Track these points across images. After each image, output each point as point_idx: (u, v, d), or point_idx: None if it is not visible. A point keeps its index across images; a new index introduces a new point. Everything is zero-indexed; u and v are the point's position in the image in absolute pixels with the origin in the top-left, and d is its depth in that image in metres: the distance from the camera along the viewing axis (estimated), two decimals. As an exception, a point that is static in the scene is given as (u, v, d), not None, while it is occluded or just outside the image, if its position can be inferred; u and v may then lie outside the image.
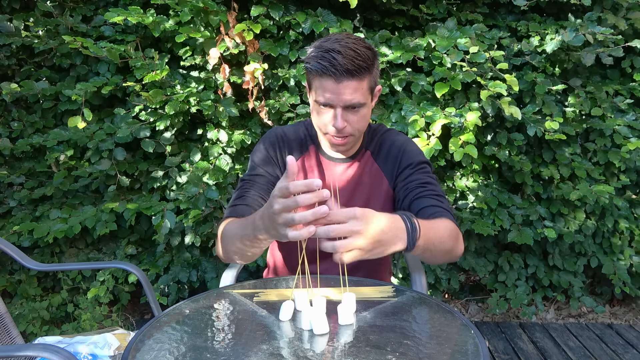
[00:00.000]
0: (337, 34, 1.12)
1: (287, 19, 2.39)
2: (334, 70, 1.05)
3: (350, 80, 1.07)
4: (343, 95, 1.08)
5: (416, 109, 2.35)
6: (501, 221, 2.56)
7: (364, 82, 1.10)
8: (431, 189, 1.16)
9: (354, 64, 1.05)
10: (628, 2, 2.62)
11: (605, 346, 2.49)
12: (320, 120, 1.16)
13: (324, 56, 1.06)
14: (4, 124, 2.51)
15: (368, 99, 1.14)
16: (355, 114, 1.13)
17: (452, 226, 1.05)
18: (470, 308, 2.89)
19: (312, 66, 1.09)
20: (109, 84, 2.32)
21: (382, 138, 1.29)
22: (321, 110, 1.14)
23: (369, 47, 1.10)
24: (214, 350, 0.80)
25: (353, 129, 1.15)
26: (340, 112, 1.11)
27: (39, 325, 2.36)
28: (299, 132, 1.30)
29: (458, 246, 1.06)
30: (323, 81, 1.09)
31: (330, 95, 1.09)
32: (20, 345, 1.45)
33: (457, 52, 2.31)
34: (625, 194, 2.83)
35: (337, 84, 1.07)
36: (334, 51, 1.05)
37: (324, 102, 1.11)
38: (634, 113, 2.63)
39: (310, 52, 1.10)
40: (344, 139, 1.16)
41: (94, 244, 2.59)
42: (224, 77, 2.36)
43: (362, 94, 1.10)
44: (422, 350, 0.78)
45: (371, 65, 1.10)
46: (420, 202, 1.14)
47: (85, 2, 2.53)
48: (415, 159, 1.23)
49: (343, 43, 1.07)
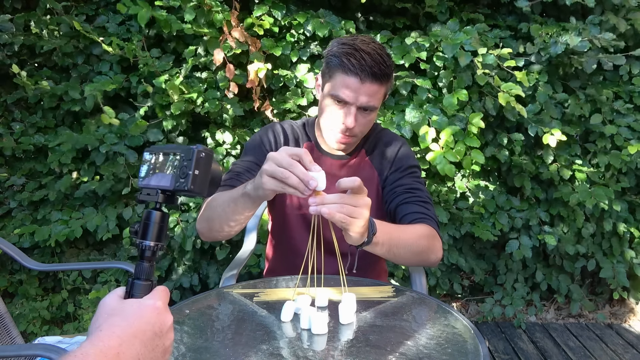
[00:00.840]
0: (363, 35, 1.14)
1: (288, 19, 2.39)
2: (361, 70, 1.07)
3: (373, 83, 1.09)
4: (362, 96, 1.10)
5: (419, 113, 2.33)
6: (501, 225, 2.55)
7: (383, 88, 1.13)
8: (418, 195, 1.19)
9: (381, 69, 1.08)
10: (629, 4, 2.61)
11: (605, 346, 2.49)
12: (331, 115, 1.16)
13: (354, 54, 1.07)
14: (5, 125, 2.51)
15: (379, 105, 1.17)
16: (365, 117, 1.16)
17: (428, 231, 1.09)
18: (470, 308, 2.89)
19: (338, 61, 1.09)
20: (115, 82, 2.31)
21: (378, 137, 1.31)
22: (335, 106, 1.14)
23: (390, 56, 1.13)
24: (214, 350, 0.80)
25: (359, 130, 1.17)
26: (354, 111, 1.12)
27: (40, 325, 2.36)
28: (294, 129, 1.31)
29: (432, 250, 1.08)
30: (346, 78, 1.09)
31: (350, 93, 1.10)
32: (21, 345, 1.45)
33: (466, 54, 2.29)
34: (625, 194, 2.83)
35: (360, 84, 1.09)
36: (364, 52, 1.07)
37: (342, 98, 1.11)
38: (634, 115, 2.62)
39: (336, 46, 1.11)
40: (349, 138, 1.18)
41: (94, 244, 2.59)
42: (230, 77, 2.35)
43: (378, 98, 1.14)
44: (422, 350, 0.78)
45: (392, 73, 1.14)
46: (406, 208, 1.17)
47: (86, 1, 2.53)
48: (407, 162, 1.26)
49: (372, 46, 1.09)
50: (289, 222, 1.29)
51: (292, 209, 1.29)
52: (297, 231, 1.29)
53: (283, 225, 1.31)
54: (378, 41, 1.14)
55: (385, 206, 1.25)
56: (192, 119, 2.45)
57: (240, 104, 2.38)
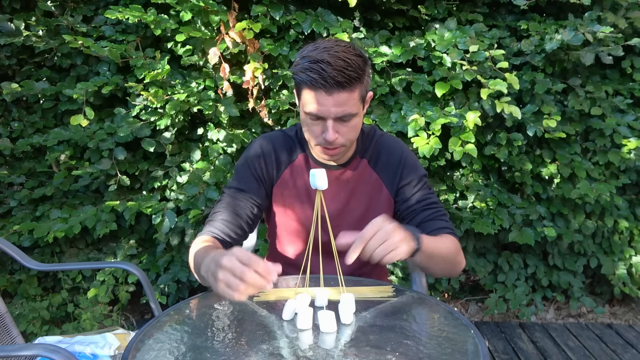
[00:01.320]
0: (326, 41, 1.08)
1: (287, 18, 2.40)
2: (323, 83, 1.01)
3: (341, 92, 1.03)
4: (334, 108, 1.05)
5: (416, 109, 2.35)
6: (501, 221, 2.56)
7: (355, 93, 1.05)
8: (437, 209, 1.21)
9: (345, 75, 1.01)
10: (627, 2, 2.62)
11: (605, 346, 2.49)
12: (311, 132, 1.12)
13: (313, 68, 1.01)
14: (5, 124, 2.51)
15: (359, 109, 1.10)
16: (347, 125, 1.10)
17: (456, 242, 1.14)
18: (470, 308, 2.89)
19: (300, 78, 1.05)
20: (110, 83, 2.32)
21: (379, 145, 1.26)
22: (312, 122, 1.10)
23: (359, 54, 1.06)
24: (214, 350, 0.80)
25: (344, 139, 1.12)
26: (331, 124, 1.07)
27: (39, 325, 2.36)
28: (287, 140, 1.26)
29: (460, 260, 1.15)
30: (313, 93, 1.04)
31: (320, 108, 1.05)
32: (21, 345, 1.45)
33: (457, 51, 2.31)
34: (625, 193, 2.83)
35: (328, 96, 1.03)
36: (323, 62, 1.01)
37: (314, 114, 1.07)
38: (634, 113, 2.64)
39: (298, 62, 1.06)
40: (335, 149, 1.14)
41: (94, 243, 2.59)
42: (224, 77, 2.36)
43: (353, 104, 1.06)
44: (422, 350, 0.78)
45: (362, 74, 1.05)
46: (431, 224, 1.18)
47: (85, 2, 2.53)
48: (417, 172, 1.24)
49: (332, 52, 1.02)
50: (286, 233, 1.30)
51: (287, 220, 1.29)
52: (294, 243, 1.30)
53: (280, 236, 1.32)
54: (346, 42, 1.07)
55: (399, 218, 1.24)
56: (189, 118, 2.46)
57: (236, 104, 2.38)
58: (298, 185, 1.25)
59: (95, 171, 2.37)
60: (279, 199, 1.27)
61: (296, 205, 1.25)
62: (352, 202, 1.24)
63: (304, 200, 1.25)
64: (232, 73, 2.39)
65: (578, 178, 2.61)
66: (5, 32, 2.36)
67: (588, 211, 2.71)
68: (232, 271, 0.80)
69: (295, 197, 1.25)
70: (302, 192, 1.25)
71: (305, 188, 1.24)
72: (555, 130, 2.43)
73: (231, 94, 2.40)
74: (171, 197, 2.43)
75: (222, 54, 2.32)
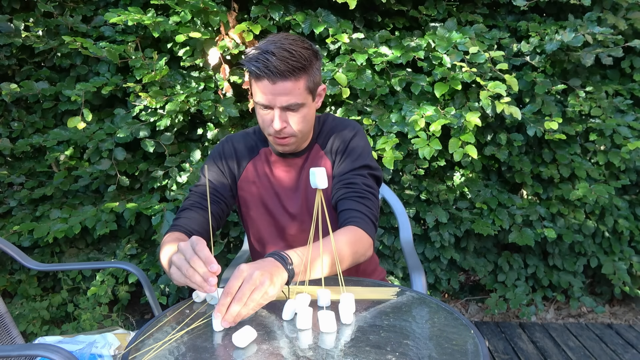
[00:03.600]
0: (276, 34, 1.13)
1: (287, 19, 2.40)
2: (267, 72, 1.05)
3: (285, 81, 1.07)
4: (279, 97, 1.09)
5: (416, 110, 2.35)
6: (501, 221, 2.56)
7: (299, 83, 1.09)
8: (353, 190, 1.18)
9: (288, 65, 1.05)
10: (628, 2, 2.62)
11: (605, 346, 2.49)
12: (262, 122, 1.17)
13: (259, 58, 1.06)
14: (4, 124, 2.51)
15: (307, 99, 1.14)
16: (295, 115, 1.14)
17: (352, 236, 1.09)
18: (470, 308, 2.89)
19: (248, 68, 1.09)
20: (109, 84, 2.33)
21: (330, 127, 1.30)
22: (261, 112, 1.15)
23: (307, 47, 1.10)
24: (214, 350, 0.80)
25: (294, 129, 1.15)
26: (278, 113, 1.12)
27: (39, 325, 2.36)
28: (247, 138, 1.32)
29: (360, 253, 1.10)
30: (259, 83, 1.09)
31: (266, 97, 1.10)
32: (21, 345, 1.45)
33: (457, 53, 2.32)
34: (627, 193, 2.83)
35: (273, 85, 1.08)
36: (268, 52, 1.05)
37: (262, 103, 1.11)
38: (634, 113, 2.64)
39: (248, 53, 1.10)
40: (284, 139, 1.17)
41: (94, 243, 2.59)
42: (224, 77, 2.36)
43: (299, 94, 1.10)
44: (422, 350, 0.78)
45: (308, 65, 1.10)
46: (342, 204, 1.18)
47: (85, 2, 2.53)
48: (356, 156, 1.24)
49: (279, 44, 1.07)
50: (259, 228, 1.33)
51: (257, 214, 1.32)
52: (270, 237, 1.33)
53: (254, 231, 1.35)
54: (295, 36, 1.12)
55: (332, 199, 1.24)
56: (189, 118, 2.46)
57: (236, 105, 2.39)
58: (261, 177, 1.30)
59: (95, 171, 2.38)
60: (244, 193, 1.31)
61: (263, 196, 1.30)
62: (303, 184, 1.28)
63: (269, 192, 1.29)
64: (232, 73, 2.39)
65: (578, 178, 2.61)
66: (5, 32, 2.36)
67: (588, 211, 2.72)
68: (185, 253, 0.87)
69: (260, 189, 1.30)
70: (266, 185, 1.30)
71: (268, 181, 1.29)
72: (555, 132, 2.44)
73: (231, 94, 2.40)
74: (171, 197, 2.43)
75: (222, 54, 2.32)
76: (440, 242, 2.58)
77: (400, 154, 2.31)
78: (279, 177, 1.29)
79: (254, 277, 0.84)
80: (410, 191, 2.55)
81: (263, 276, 0.85)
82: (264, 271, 0.86)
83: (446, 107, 2.44)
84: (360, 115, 2.47)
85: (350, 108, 2.46)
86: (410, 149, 2.45)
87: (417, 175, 2.58)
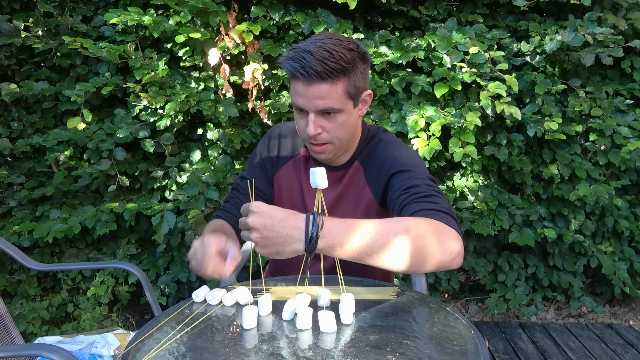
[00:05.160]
0: (320, 34, 1.06)
1: (287, 19, 2.40)
2: (302, 72, 0.98)
3: (321, 83, 0.99)
4: (314, 100, 1.01)
5: (416, 110, 2.35)
6: (501, 221, 2.56)
7: (337, 86, 1.00)
8: (415, 192, 1.00)
9: (325, 66, 0.97)
10: (628, 2, 2.62)
11: (605, 346, 2.49)
12: (298, 125, 1.10)
13: (295, 57, 0.99)
14: (4, 124, 2.51)
15: (347, 105, 1.04)
16: (331, 121, 1.05)
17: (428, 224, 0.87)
18: (470, 308, 2.89)
19: (283, 66, 1.02)
20: (109, 84, 2.33)
21: (373, 145, 1.18)
22: (298, 115, 1.08)
23: (351, 49, 1.01)
24: (214, 351, 0.80)
25: (330, 136, 1.07)
26: (312, 117, 1.03)
27: (39, 325, 2.35)
28: (295, 135, 1.26)
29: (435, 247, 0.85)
30: (295, 83, 1.02)
31: (301, 99, 1.02)
32: (20, 345, 1.45)
33: (457, 53, 2.32)
34: (627, 193, 2.83)
35: (308, 87, 1.00)
36: (306, 51, 0.98)
37: (297, 105, 1.04)
38: (634, 113, 2.63)
39: (287, 52, 1.04)
40: (321, 146, 1.09)
41: (94, 244, 2.59)
42: (224, 78, 2.36)
43: (336, 98, 1.01)
44: (422, 350, 0.78)
45: (349, 68, 1.00)
46: (407, 209, 0.98)
47: (85, 2, 2.53)
48: (400, 166, 1.09)
49: (320, 43, 0.99)
50: None
51: None
52: None
53: None
54: (341, 36, 1.03)
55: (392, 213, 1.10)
56: (189, 118, 2.46)
57: (236, 105, 2.39)
58: (296, 179, 1.25)
59: (95, 171, 2.37)
60: (278, 190, 1.29)
61: (294, 198, 1.26)
62: (339, 205, 1.20)
63: (299, 195, 1.26)
64: (232, 73, 2.39)
65: (578, 178, 2.61)
66: (4, 32, 2.36)
67: (588, 211, 2.71)
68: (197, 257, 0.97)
69: (293, 190, 1.26)
70: (298, 187, 1.25)
71: (300, 183, 1.25)
72: (555, 132, 2.44)
73: (231, 94, 2.40)
74: (171, 198, 2.43)
75: (222, 54, 2.32)
76: (440, 242, 2.57)
77: (400, 154, 2.31)
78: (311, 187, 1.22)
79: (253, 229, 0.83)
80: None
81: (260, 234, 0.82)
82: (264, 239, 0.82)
83: (446, 107, 2.44)
84: (360, 115, 2.47)
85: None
86: (413, 154, 2.44)
87: (417, 175, 2.57)
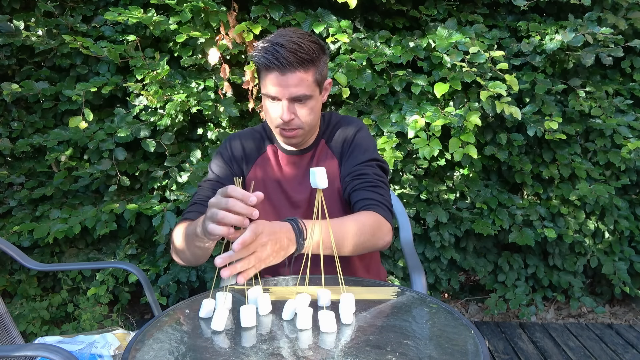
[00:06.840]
0: (285, 29, 1.16)
1: (287, 19, 2.40)
2: (277, 63, 1.08)
3: (294, 72, 1.10)
4: (288, 88, 1.11)
5: (416, 109, 2.36)
6: (501, 221, 2.56)
7: (308, 74, 1.12)
8: (366, 180, 1.19)
9: (297, 57, 1.09)
10: (628, 2, 2.62)
11: (605, 346, 2.49)
12: (270, 114, 1.18)
13: (268, 49, 1.09)
14: (4, 124, 2.51)
15: (315, 92, 1.16)
16: (303, 107, 1.16)
17: (373, 219, 1.09)
18: (470, 308, 2.89)
19: (257, 60, 1.11)
20: (109, 84, 2.33)
21: (335, 123, 1.32)
22: (270, 104, 1.17)
23: (315, 42, 1.13)
24: (214, 350, 0.80)
25: (301, 121, 1.17)
26: (286, 104, 1.14)
27: (39, 325, 2.36)
28: (255, 136, 1.33)
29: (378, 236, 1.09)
30: (269, 74, 1.12)
31: (275, 88, 1.12)
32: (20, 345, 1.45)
33: (457, 52, 2.32)
34: (627, 193, 2.83)
35: (282, 76, 1.10)
36: (278, 44, 1.09)
37: (271, 95, 1.14)
38: (634, 113, 2.64)
39: (257, 46, 1.13)
40: (292, 131, 1.19)
41: (94, 244, 2.59)
42: (224, 77, 2.36)
43: (307, 85, 1.13)
44: (422, 350, 0.78)
45: (316, 58, 1.13)
46: (356, 195, 1.18)
47: (85, 2, 2.53)
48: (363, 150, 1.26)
49: (287, 37, 1.10)
50: None
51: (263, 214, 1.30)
52: None
53: None
54: (303, 31, 1.16)
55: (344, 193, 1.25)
56: (189, 118, 2.46)
57: (236, 105, 2.39)
58: (269, 175, 1.30)
59: (95, 171, 2.38)
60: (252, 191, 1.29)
61: (270, 194, 1.30)
62: None
63: (276, 189, 1.30)
64: (232, 73, 2.39)
65: (578, 178, 2.61)
66: (5, 32, 2.36)
67: (588, 211, 2.71)
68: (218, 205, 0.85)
69: (268, 187, 1.30)
70: (273, 183, 1.30)
71: (274, 179, 1.30)
72: (555, 131, 2.44)
73: (231, 94, 2.40)
74: (171, 198, 2.43)
75: (222, 54, 2.32)
76: (440, 242, 2.58)
77: (400, 154, 2.31)
78: (286, 173, 1.30)
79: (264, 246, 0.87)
80: (410, 191, 2.55)
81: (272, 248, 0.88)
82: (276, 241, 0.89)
83: (446, 107, 2.44)
84: (360, 115, 2.47)
85: (350, 108, 2.46)
86: (410, 149, 2.45)
87: (417, 175, 2.58)
